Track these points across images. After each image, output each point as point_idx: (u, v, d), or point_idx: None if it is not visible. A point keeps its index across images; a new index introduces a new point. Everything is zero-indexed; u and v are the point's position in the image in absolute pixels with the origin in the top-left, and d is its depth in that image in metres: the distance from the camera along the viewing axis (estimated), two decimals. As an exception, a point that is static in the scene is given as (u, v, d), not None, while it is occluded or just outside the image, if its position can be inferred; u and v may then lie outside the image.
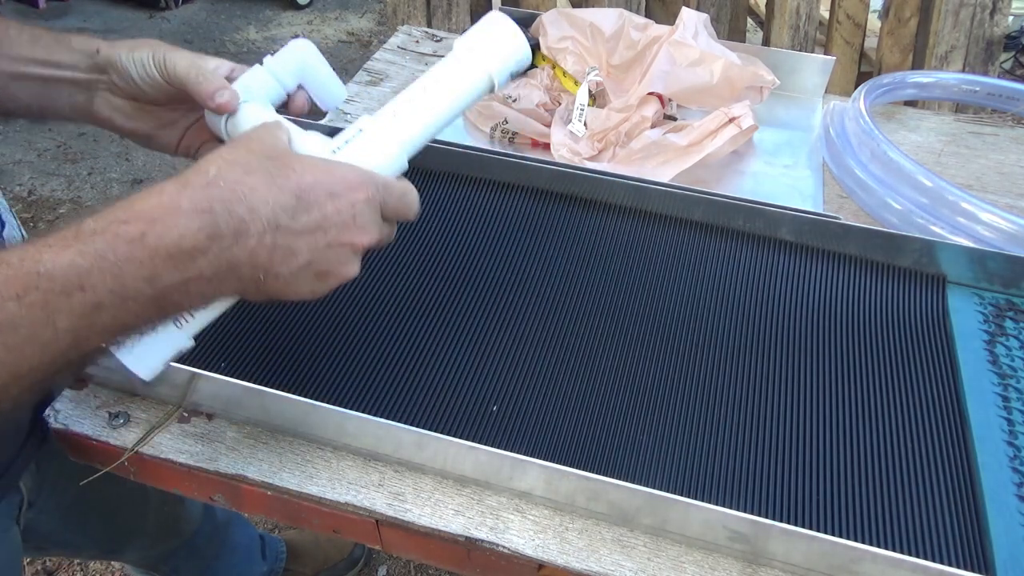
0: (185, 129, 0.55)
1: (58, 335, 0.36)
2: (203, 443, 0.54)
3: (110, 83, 0.52)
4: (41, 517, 0.67)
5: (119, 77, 0.51)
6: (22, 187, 2.07)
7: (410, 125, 0.50)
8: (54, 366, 0.37)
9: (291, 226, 0.41)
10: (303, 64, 0.53)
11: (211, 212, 0.39)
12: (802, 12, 1.28)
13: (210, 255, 0.39)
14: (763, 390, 0.56)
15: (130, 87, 0.51)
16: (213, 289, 0.41)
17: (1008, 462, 0.53)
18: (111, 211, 0.38)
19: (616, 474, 0.48)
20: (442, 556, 0.52)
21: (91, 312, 0.36)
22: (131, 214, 0.38)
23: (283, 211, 0.41)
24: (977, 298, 0.65)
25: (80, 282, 0.36)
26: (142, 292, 0.38)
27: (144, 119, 0.54)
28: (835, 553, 0.45)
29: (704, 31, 0.85)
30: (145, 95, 0.52)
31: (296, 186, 0.41)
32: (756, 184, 0.81)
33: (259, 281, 0.41)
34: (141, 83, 0.51)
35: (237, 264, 0.40)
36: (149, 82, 0.51)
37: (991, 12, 1.22)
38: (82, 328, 0.37)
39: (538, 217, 0.70)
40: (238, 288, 0.42)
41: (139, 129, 0.54)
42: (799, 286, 0.65)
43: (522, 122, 0.83)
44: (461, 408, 0.54)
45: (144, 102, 0.53)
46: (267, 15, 3.00)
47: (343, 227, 0.43)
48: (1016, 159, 0.86)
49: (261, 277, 0.41)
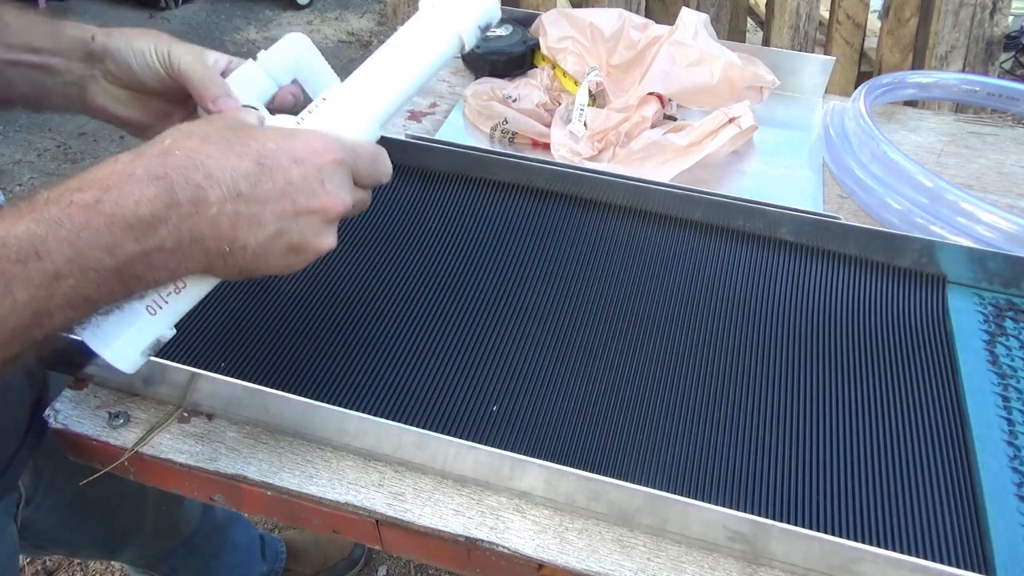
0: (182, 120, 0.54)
1: (17, 307, 0.35)
2: (203, 443, 0.54)
3: (105, 71, 0.51)
4: (39, 515, 0.67)
5: (116, 66, 0.50)
6: (22, 187, 2.07)
7: (377, 90, 0.47)
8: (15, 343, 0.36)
9: (253, 193, 0.40)
10: (297, 58, 0.51)
11: (166, 179, 0.37)
12: (802, 12, 1.28)
13: (170, 224, 0.38)
14: (763, 390, 0.56)
15: (127, 76, 0.50)
16: (177, 262, 0.39)
17: (1008, 462, 0.53)
18: (65, 182, 0.37)
19: (616, 474, 0.48)
20: (442, 556, 0.52)
21: (50, 282, 0.35)
22: (85, 182, 0.37)
23: (243, 177, 0.39)
24: (977, 298, 0.65)
25: (36, 249, 0.35)
26: (102, 262, 0.36)
27: (140, 109, 0.53)
28: (835, 553, 0.45)
29: (704, 31, 0.85)
30: (143, 85, 0.51)
31: (257, 152, 0.40)
32: (756, 184, 0.81)
33: (226, 254, 0.40)
34: (140, 73, 0.50)
35: (200, 235, 0.39)
36: (149, 73, 0.50)
37: (991, 12, 1.22)
38: (42, 300, 0.35)
39: (538, 217, 0.70)
40: (205, 263, 0.40)
41: (134, 119, 0.53)
42: (799, 286, 0.65)
43: (522, 122, 0.83)
44: (461, 408, 0.54)
45: (141, 92, 0.52)
46: (267, 15, 3.01)
47: (311, 193, 0.41)
48: (1016, 159, 0.86)
49: (227, 249, 0.40)
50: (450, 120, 0.88)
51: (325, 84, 0.52)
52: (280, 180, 0.40)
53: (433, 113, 0.89)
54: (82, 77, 0.51)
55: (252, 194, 0.40)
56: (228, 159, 0.39)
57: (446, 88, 0.94)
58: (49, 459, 0.65)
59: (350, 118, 0.46)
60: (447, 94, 0.93)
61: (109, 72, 0.51)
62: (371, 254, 0.66)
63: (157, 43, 0.49)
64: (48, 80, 0.51)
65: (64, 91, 0.52)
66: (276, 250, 0.42)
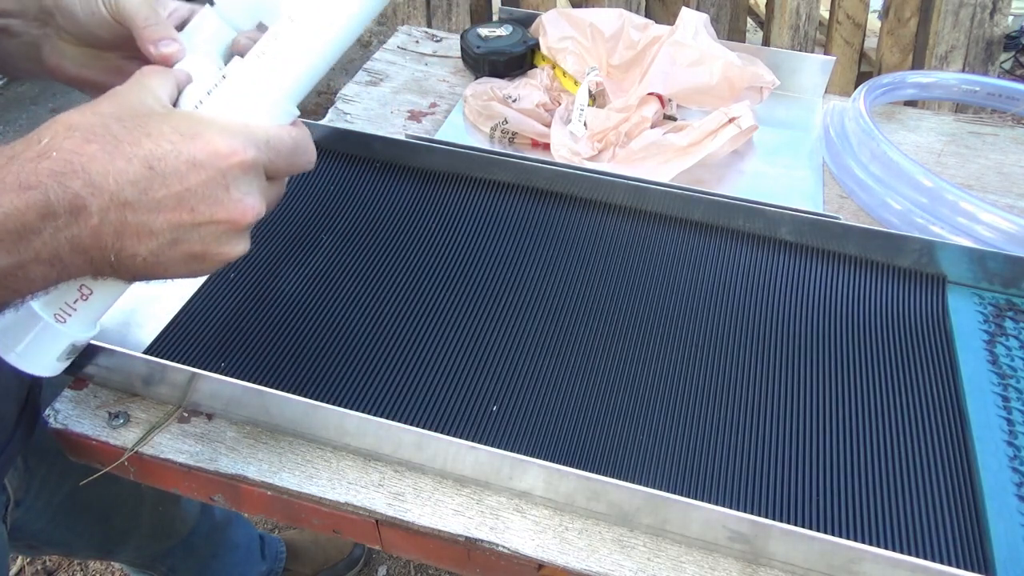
0: None
1: None
2: (203, 443, 0.54)
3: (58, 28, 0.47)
4: (30, 515, 0.66)
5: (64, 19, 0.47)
6: (22, 187, 2.07)
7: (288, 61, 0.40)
8: None
9: (141, 200, 0.36)
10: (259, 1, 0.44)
11: (39, 187, 0.34)
12: (802, 12, 1.28)
13: (44, 235, 0.34)
14: (763, 390, 0.56)
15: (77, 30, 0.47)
16: (57, 273, 0.36)
17: (1008, 462, 0.53)
18: None
19: (616, 474, 0.48)
20: (442, 556, 0.52)
21: None
22: None
23: (130, 184, 0.35)
24: (977, 298, 0.65)
25: None
26: None
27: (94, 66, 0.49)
28: (835, 553, 0.45)
29: (704, 31, 0.85)
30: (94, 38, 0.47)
31: (148, 155, 0.36)
32: (756, 184, 0.81)
33: (111, 262, 0.37)
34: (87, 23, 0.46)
35: (80, 245, 0.36)
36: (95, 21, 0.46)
37: (991, 12, 1.22)
38: None
39: (538, 217, 0.70)
40: (91, 270, 0.38)
41: (90, 78, 0.49)
42: (799, 286, 0.65)
43: (522, 122, 0.83)
44: (461, 408, 0.54)
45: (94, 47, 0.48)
46: (267, 15, 3.00)
47: (214, 201, 0.37)
48: (1016, 159, 0.86)
49: (112, 259, 0.37)
50: (450, 120, 0.88)
51: None
52: (175, 186, 0.36)
53: (433, 113, 0.89)
54: (38, 37, 0.48)
55: (140, 201, 0.36)
56: (114, 162, 0.35)
57: (446, 88, 0.94)
58: (41, 460, 0.64)
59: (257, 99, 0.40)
60: (447, 94, 0.93)
61: (61, 28, 0.47)
62: (371, 254, 0.66)
63: None
64: (10, 43, 0.48)
65: (25, 52, 0.48)
66: (174, 258, 0.38)
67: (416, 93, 0.92)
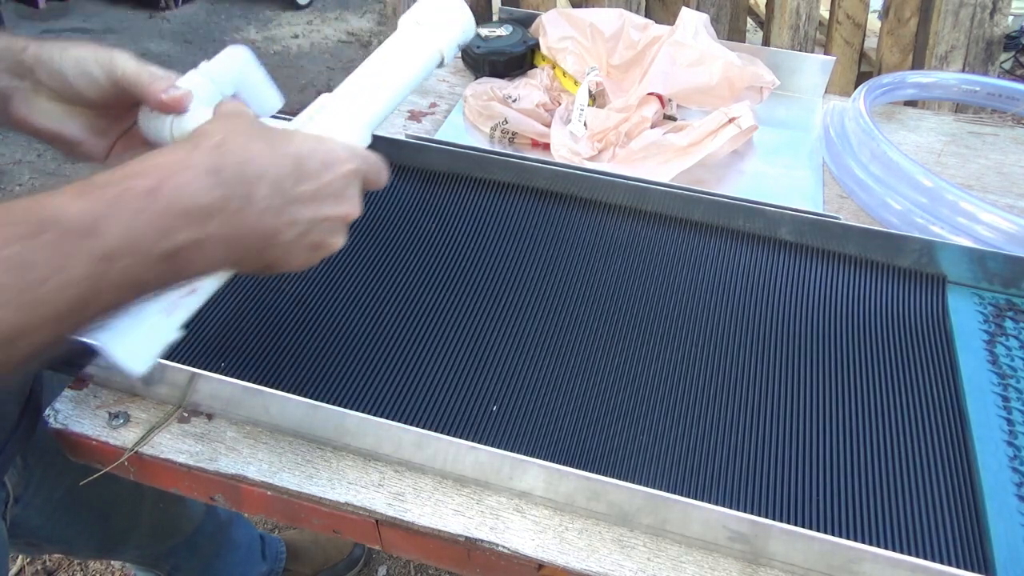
0: (117, 136, 0.51)
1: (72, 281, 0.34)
2: (203, 443, 0.54)
3: (36, 82, 0.48)
4: (29, 512, 0.66)
5: (48, 75, 0.48)
6: (22, 187, 2.07)
7: (370, 101, 0.51)
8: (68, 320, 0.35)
9: (292, 193, 0.41)
10: (240, 71, 0.50)
11: (222, 173, 0.39)
12: (802, 12, 1.28)
13: (222, 216, 0.39)
14: (763, 390, 0.56)
15: (60, 87, 0.48)
16: (223, 253, 0.40)
17: (1008, 462, 0.53)
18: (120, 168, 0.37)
19: (616, 474, 0.48)
20: (442, 556, 0.52)
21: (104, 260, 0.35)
22: (143, 168, 0.38)
23: (286, 178, 0.41)
24: (977, 298, 0.65)
25: (94, 226, 0.35)
26: (157, 246, 0.37)
27: (72, 123, 0.50)
28: (835, 553, 0.45)
29: (704, 31, 0.85)
30: (78, 96, 0.48)
31: (296, 153, 0.42)
32: (756, 184, 0.81)
33: (261, 248, 0.42)
34: (75, 82, 0.47)
35: (245, 229, 0.40)
36: (85, 81, 0.47)
37: (991, 12, 1.22)
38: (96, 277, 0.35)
39: (538, 217, 0.70)
40: (241, 256, 0.42)
41: (64, 133, 0.50)
42: (799, 286, 0.65)
43: (522, 122, 0.83)
44: (461, 408, 0.54)
45: (73, 103, 0.49)
46: (267, 15, 3.01)
47: (336, 198, 0.44)
48: (1016, 159, 0.86)
49: (263, 245, 0.41)
50: (450, 120, 0.88)
51: (267, 100, 0.52)
52: (314, 184, 0.42)
53: (433, 113, 0.89)
54: (7, 88, 0.49)
55: (292, 194, 0.41)
56: (273, 158, 0.41)
57: (446, 88, 0.94)
58: (40, 458, 0.65)
59: (351, 125, 0.49)
60: (447, 94, 0.93)
61: (40, 83, 0.48)
62: (371, 254, 0.66)
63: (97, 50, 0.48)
64: None
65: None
66: (300, 247, 0.43)
67: (416, 93, 0.92)
